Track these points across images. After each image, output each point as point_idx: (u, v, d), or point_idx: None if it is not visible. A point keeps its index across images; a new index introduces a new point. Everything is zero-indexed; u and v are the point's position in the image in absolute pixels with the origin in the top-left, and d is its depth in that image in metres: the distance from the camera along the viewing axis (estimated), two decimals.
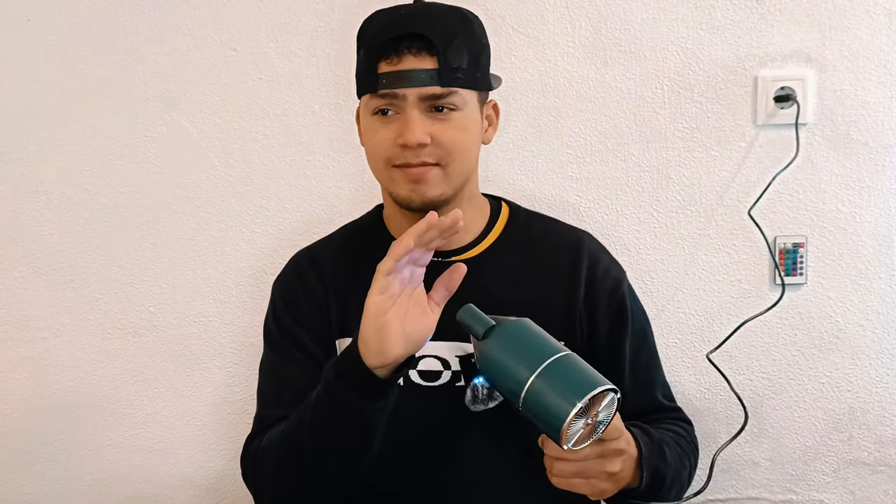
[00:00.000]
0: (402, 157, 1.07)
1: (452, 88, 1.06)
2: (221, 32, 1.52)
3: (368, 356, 0.96)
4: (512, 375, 0.92)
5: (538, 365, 0.90)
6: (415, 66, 1.04)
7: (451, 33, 1.06)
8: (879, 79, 1.48)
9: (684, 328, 1.57)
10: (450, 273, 0.98)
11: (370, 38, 1.08)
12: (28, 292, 1.61)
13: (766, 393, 1.58)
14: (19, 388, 1.64)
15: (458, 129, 1.08)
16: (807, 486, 1.62)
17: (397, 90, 1.04)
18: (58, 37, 1.53)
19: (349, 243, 1.24)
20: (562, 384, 0.89)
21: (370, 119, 1.09)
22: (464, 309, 0.98)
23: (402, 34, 1.04)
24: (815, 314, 1.56)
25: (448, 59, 1.04)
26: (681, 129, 1.52)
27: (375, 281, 0.94)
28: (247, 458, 1.16)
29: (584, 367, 0.92)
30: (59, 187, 1.58)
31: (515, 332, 0.95)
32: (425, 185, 1.08)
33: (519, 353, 0.93)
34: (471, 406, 1.13)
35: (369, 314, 0.95)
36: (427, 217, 0.92)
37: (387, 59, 1.05)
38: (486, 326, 0.96)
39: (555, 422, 0.88)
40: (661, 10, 1.48)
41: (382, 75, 1.05)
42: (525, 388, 0.90)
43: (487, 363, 0.95)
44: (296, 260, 1.25)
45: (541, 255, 1.18)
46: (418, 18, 1.06)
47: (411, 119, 1.05)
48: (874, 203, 1.52)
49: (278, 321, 1.20)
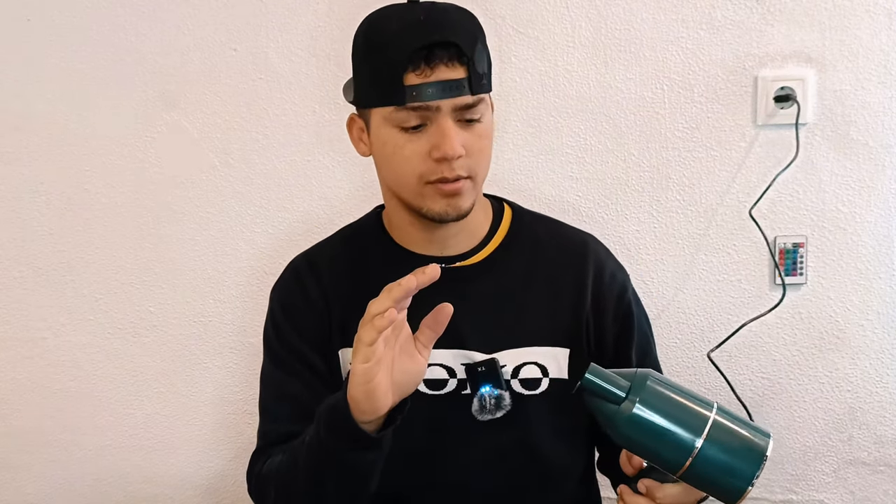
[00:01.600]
0: (437, 171, 1.02)
1: (481, 96, 1.03)
2: (221, 32, 1.52)
3: (359, 414, 0.93)
4: (673, 442, 0.85)
5: (702, 428, 0.84)
6: (449, 77, 0.99)
7: (473, 38, 1.02)
8: (879, 79, 1.48)
9: (685, 328, 1.57)
10: (434, 315, 0.95)
11: (389, 45, 1.00)
12: (28, 292, 1.61)
13: (766, 393, 1.58)
14: (19, 388, 1.64)
15: (484, 137, 1.06)
16: (807, 486, 1.62)
17: (431, 102, 0.99)
18: (58, 37, 1.53)
19: (349, 247, 1.20)
20: (735, 447, 0.84)
21: (392, 132, 1.03)
22: (591, 370, 0.89)
23: (432, 43, 0.98)
24: (815, 314, 1.56)
25: (476, 66, 1.01)
26: (681, 129, 1.52)
27: (358, 350, 0.90)
28: (252, 478, 1.15)
29: (739, 418, 0.87)
30: (59, 187, 1.58)
31: (656, 389, 0.87)
32: (460, 198, 1.05)
33: (672, 415, 0.85)
34: (478, 415, 1.12)
35: (357, 381, 0.91)
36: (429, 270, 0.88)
37: (416, 70, 0.98)
38: (624, 388, 0.87)
39: (738, 486, 0.84)
40: (661, 10, 1.48)
41: (413, 87, 0.98)
42: (692, 456, 0.84)
43: (637, 429, 0.86)
44: (293, 266, 1.21)
45: (546, 259, 1.17)
46: (444, 24, 1.01)
47: (448, 131, 1.00)
48: (874, 203, 1.52)
49: (278, 331, 1.17)
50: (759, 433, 0.86)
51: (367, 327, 0.89)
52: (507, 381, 1.12)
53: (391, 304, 0.88)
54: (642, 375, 0.89)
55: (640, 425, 0.86)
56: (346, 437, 0.95)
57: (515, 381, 1.12)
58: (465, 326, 1.09)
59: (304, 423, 1.09)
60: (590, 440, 1.20)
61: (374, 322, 0.88)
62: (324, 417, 0.98)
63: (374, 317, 0.88)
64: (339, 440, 0.95)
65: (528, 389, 1.12)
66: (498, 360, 1.11)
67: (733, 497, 0.85)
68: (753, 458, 0.84)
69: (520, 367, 1.12)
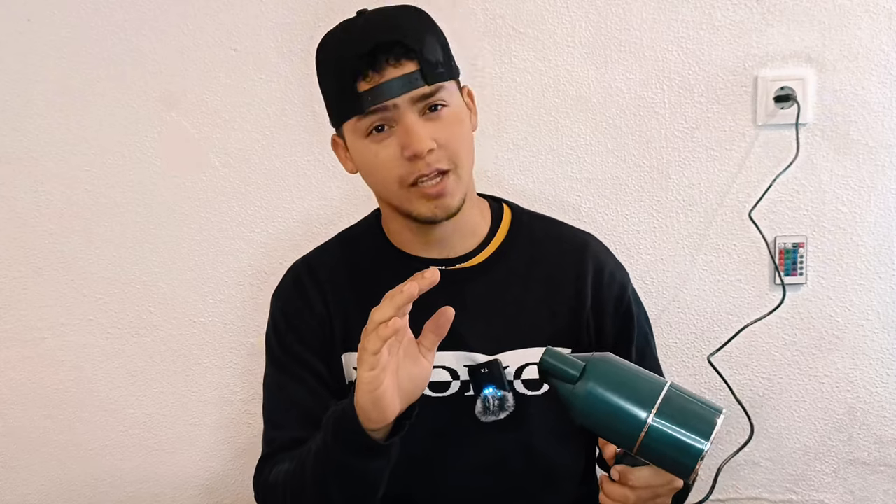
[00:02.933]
0: (414, 170, 1.02)
1: (439, 83, 1.02)
2: (221, 32, 1.52)
3: (367, 422, 0.94)
4: (625, 417, 0.88)
5: (652, 402, 0.87)
6: (397, 75, 1.00)
7: (418, 31, 1.03)
8: (879, 79, 1.48)
9: (685, 329, 1.57)
10: (436, 318, 0.96)
11: (337, 61, 1.03)
12: (28, 292, 1.61)
13: (766, 393, 1.58)
14: (19, 388, 1.64)
15: (455, 124, 1.04)
16: (807, 486, 1.62)
17: (387, 102, 1.00)
18: (58, 37, 1.53)
19: (348, 251, 1.20)
20: (686, 421, 0.87)
21: (363, 143, 1.03)
22: (547, 353, 0.93)
23: (374, 47, 0.99)
24: (815, 314, 1.56)
25: (426, 56, 1.01)
26: (681, 129, 1.52)
27: (363, 359, 0.90)
28: (259, 486, 1.14)
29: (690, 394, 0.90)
30: (59, 187, 1.58)
31: (610, 368, 0.91)
32: (446, 198, 1.04)
33: (625, 391, 0.88)
34: (481, 417, 1.12)
35: (363, 389, 0.91)
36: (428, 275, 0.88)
37: (364, 77, 1.00)
38: (578, 368, 0.91)
39: (687, 460, 0.86)
40: (661, 10, 1.48)
41: (366, 93, 1.00)
42: (644, 430, 0.87)
43: (591, 406, 0.90)
44: (293, 271, 1.21)
45: (546, 260, 1.17)
46: (384, 27, 1.02)
47: (413, 126, 1.00)
48: (874, 203, 1.52)
49: (280, 337, 1.17)
50: (710, 408, 0.88)
51: (371, 336, 0.89)
52: (509, 382, 1.12)
53: (394, 311, 0.88)
54: (597, 357, 0.92)
55: (593, 403, 0.89)
56: (354, 445, 0.95)
57: (518, 381, 1.12)
58: (466, 328, 1.09)
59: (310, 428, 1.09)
60: (590, 440, 1.20)
61: (379, 331, 0.88)
62: (331, 426, 0.98)
63: (377, 325, 0.88)
64: (346, 448, 0.96)
65: (530, 390, 1.12)
66: (500, 362, 1.11)
67: (686, 470, 0.87)
68: (703, 431, 0.86)
69: (522, 368, 1.12)
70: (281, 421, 1.15)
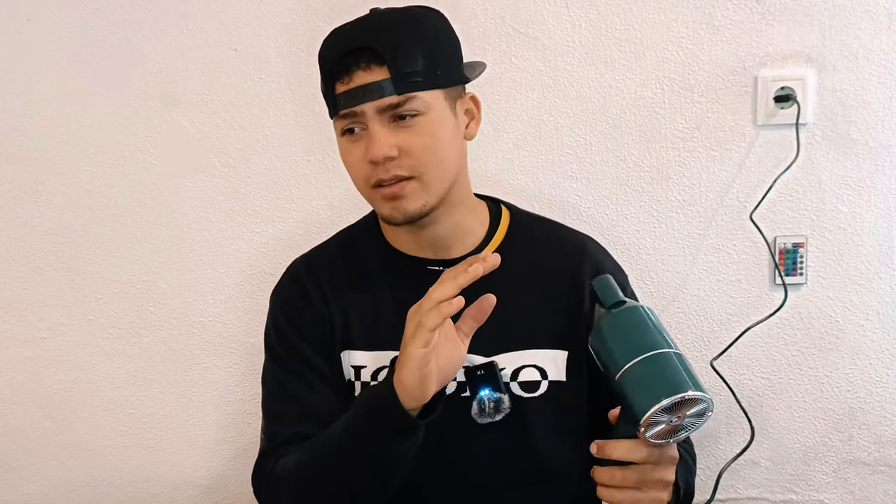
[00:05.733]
0: (374, 174, 1.04)
1: (410, 94, 1.02)
2: (221, 32, 1.52)
3: (408, 401, 0.95)
4: (618, 351, 0.93)
5: (644, 351, 0.91)
6: (366, 81, 1.01)
7: (397, 38, 1.02)
8: (879, 79, 1.48)
9: (685, 330, 1.57)
10: (479, 304, 0.98)
11: (323, 60, 1.06)
12: (28, 292, 1.61)
13: (766, 393, 1.58)
14: (19, 388, 1.64)
15: (426, 135, 1.04)
16: (807, 486, 1.62)
17: (355, 108, 1.02)
18: (58, 37, 1.53)
19: (346, 250, 1.21)
20: (660, 376, 0.90)
21: (341, 141, 1.08)
22: (602, 278, 0.99)
23: (347, 51, 1.02)
24: (815, 314, 1.56)
25: (398, 65, 1.01)
26: (681, 129, 1.52)
27: (419, 335, 0.91)
28: (260, 480, 1.14)
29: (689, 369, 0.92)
30: (59, 187, 1.58)
31: (636, 316, 0.96)
32: (404, 200, 1.05)
33: (632, 334, 0.94)
34: (477, 419, 1.12)
35: (413, 366, 0.92)
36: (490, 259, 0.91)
37: (340, 79, 1.03)
38: (614, 300, 0.97)
39: (643, 405, 0.89)
40: (661, 10, 1.48)
41: (340, 96, 1.03)
42: (624, 368, 0.91)
43: (601, 333, 0.96)
44: (293, 269, 1.22)
45: (543, 262, 1.17)
46: (361, 31, 1.04)
47: (374, 134, 1.02)
48: (874, 203, 1.52)
49: (280, 335, 1.18)
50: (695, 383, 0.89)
51: (432, 313, 0.91)
52: (506, 384, 1.12)
53: (456, 290, 0.90)
54: (636, 305, 0.97)
55: (609, 326, 0.96)
56: (392, 424, 0.96)
57: (515, 383, 1.12)
58: None
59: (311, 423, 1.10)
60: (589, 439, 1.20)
61: (441, 308, 0.90)
62: (365, 406, 0.99)
63: (437, 303, 0.90)
64: (383, 426, 0.96)
65: (527, 392, 1.12)
66: (497, 364, 1.11)
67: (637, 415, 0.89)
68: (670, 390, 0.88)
69: (519, 370, 1.12)
70: (282, 415, 1.15)
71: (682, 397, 0.87)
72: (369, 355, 1.15)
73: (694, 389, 0.88)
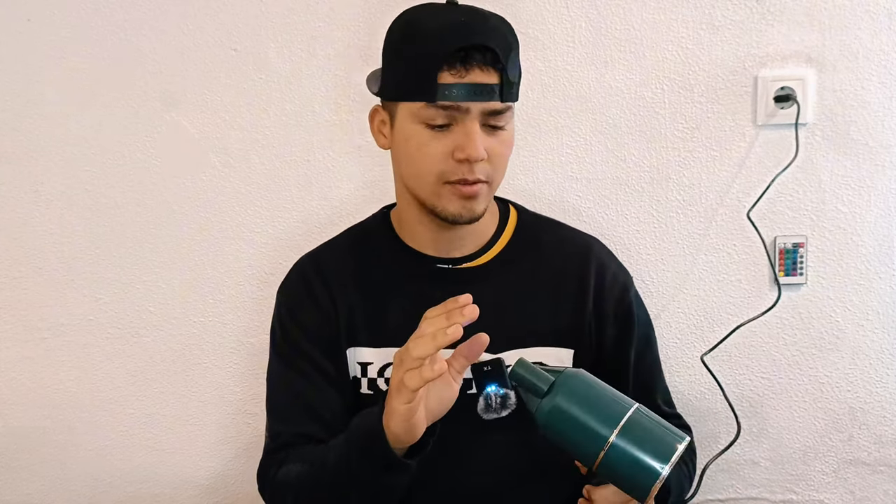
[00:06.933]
0: (457, 172, 1.03)
1: (509, 104, 1.04)
2: (221, 32, 1.52)
3: (397, 443, 0.95)
4: (588, 434, 0.88)
5: (616, 422, 0.87)
6: (482, 80, 1.00)
7: (509, 46, 1.03)
8: (879, 79, 1.48)
9: (684, 329, 1.57)
10: (470, 344, 0.96)
11: (428, 42, 1.01)
12: (28, 292, 1.61)
13: (765, 393, 1.58)
14: (19, 388, 1.64)
15: (506, 145, 1.07)
16: (807, 486, 1.62)
17: (462, 103, 1.00)
18: (58, 37, 1.53)
19: (356, 248, 1.21)
20: (647, 443, 0.87)
21: (417, 127, 1.03)
22: (519, 364, 0.94)
23: (471, 45, 0.99)
24: (814, 314, 1.56)
25: (508, 74, 1.02)
26: (681, 129, 1.52)
27: (401, 393, 0.91)
28: (265, 481, 1.15)
29: (656, 419, 0.90)
30: (59, 187, 1.58)
31: (580, 384, 0.91)
32: (475, 201, 1.06)
33: (591, 408, 0.89)
34: (483, 415, 1.13)
35: (398, 419, 0.92)
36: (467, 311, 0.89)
37: (451, 69, 0.99)
38: (547, 382, 0.92)
39: (645, 481, 0.86)
40: (661, 10, 1.48)
41: (446, 86, 0.99)
42: (605, 448, 0.87)
43: (556, 421, 0.90)
44: (299, 266, 1.22)
45: (549, 263, 1.18)
46: (483, 29, 1.02)
47: (473, 133, 1.01)
48: (874, 203, 1.52)
49: (285, 332, 1.18)
50: (674, 434, 0.88)
51: (413, 374, 0.89)
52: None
53: (434, 350, 0.88)
54: (569, 373, 0.92)
55: (558, 417, 0.90)
56: (380, 464, 0.96)
57: None
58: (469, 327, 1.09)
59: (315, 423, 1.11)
60: None
61: (423, 372, 0.88)
62: (357, 442, 0.99)
63: (418, 361, 0.88)
64: (373, 466, 0.97)
65: None
66: (503, 360, 1.11)
67: (643, 491, 0.87)
68: (664, 455, 0.86)
69: None
70: (286, 414, 1.16)
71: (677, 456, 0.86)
72: (375, 352, 1.15)
73: (677, 442, 0.87)
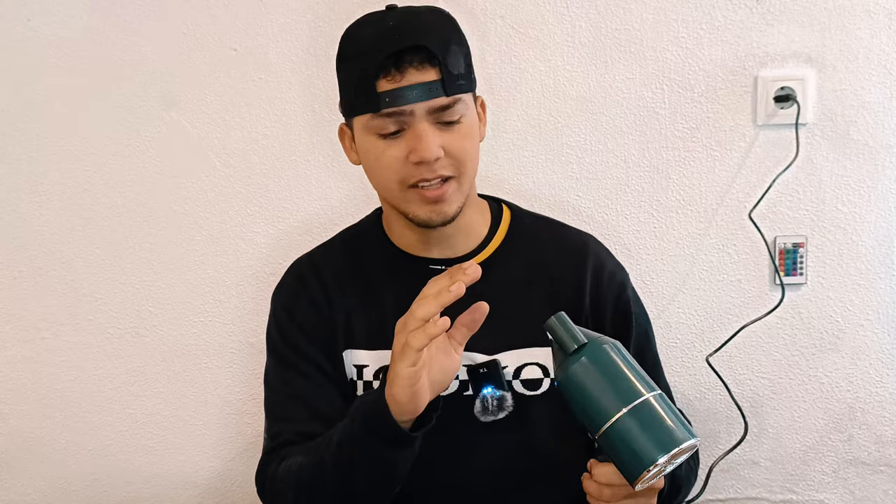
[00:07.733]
0: (416, 174, 1.03)
1: (457, 96, 1.03)
2: (221, 32, 1.52)
3: (400, 414, 0.94)
4: (599, 404, 0.87)
5: (630, 400, 0.86)
6: (419, 80, 1.00)
7: (445, 39, 1.02)
8: (879, 79, 1.48)
9: (685, 329, 1.57)
10: (471, 312, 0.96)
11: (362, 55, 1.02)
12: (28, 292, 1.61)
13: (765, 393, 1.58)
14: (19, 388, 1.64)
15: (466, 137, 1.05)
16: (807, 486, 1.62)
17: (404, 107, 1.00)
18: (58, 37, 1.53)
19: (350, 249, 1.21)
20: (652, 429, 0.85)
21: (371, 139, 1.04)
22: (557, 317, 0.91)
23: (401, 48, 0.99)
24: (815, 314, 1.56)
25: (449, 67, 1.01)
26: (681, 129, 1.52)
27: (407, 354, 0.89)
28: (264, 481, 1.14)
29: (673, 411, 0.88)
30: (59, 187, 1.58)
31: (608, 356, 0.89)
32: (444, 204, 1.05)
33: (610, 381, 0.87)
34: (480, 417, 1.12)
35: (403, 383, 0.91)
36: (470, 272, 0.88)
37: (387, 76, 1.00)
38: (578, 342, 0.89)
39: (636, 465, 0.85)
40: (661, 10, 1.48)
41: (384, 94, 1.00)
42: (610, 422, 0.86)
43: (572, 383, 0.89)
44: (296, 268, 1.22)
45: (545, 260, 1.17)
46: (413, 29, 1.02)
47: (424, 133, 1.01)
48: (874, 203, 1.52)
49: (282, 333, 1.18)
50: (685, 429, 0.86)
51: (418, 333, 0.88)
52: (508, 382, 1.12)
53: (438, 309, 0.88)
54: (602, 341, 0.91)
55: (577, 378, 0.88)
56: (385, 437, 0.96)
57: (517, 381, 1.13)
58: None
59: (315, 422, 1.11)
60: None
61: (427, 329, 0.88)
62: (360, 417, 0.98)
63: (421, 321, 0.88)
64: (378, 440, 0.96)
65: (529, 390, 1.13)
66: (499, 362, 1.11)
67: (633, 473, 0.86)
68: (665, 444, 0.84)
69: (521, 368, 1.13)
70: (286, 414, 1.15)
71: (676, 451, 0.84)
72: (371, 354, 1.15)
73: (683, 437, 0.85)
